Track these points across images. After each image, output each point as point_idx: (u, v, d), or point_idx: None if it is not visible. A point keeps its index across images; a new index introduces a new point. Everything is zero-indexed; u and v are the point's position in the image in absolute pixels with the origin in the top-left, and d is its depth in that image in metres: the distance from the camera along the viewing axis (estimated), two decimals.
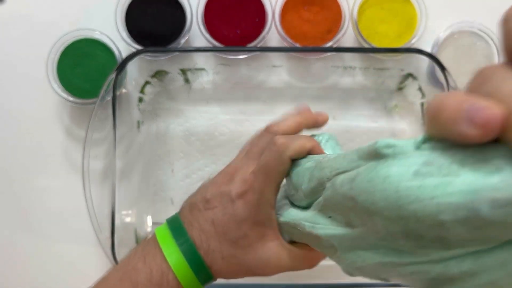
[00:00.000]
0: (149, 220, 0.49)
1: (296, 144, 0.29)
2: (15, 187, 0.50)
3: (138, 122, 0.49)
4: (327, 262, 0.47)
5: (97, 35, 0.47)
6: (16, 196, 0.50)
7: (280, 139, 0.29)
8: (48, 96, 0.49)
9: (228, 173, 0.33)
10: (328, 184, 0.24)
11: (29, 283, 0.50)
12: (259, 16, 0.47)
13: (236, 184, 0.31)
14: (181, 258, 0.30)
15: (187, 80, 0.49)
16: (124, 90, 0.49)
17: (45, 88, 0.47)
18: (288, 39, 0.46)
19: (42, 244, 0.50)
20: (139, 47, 0.46)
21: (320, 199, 0.25)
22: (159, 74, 0.49)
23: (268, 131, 0.33)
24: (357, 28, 0.47)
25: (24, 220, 0.50)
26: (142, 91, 0.49)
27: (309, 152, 0.29)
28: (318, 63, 0.49)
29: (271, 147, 0.29)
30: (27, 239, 0.50)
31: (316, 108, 0.49)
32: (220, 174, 0.34)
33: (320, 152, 0.30)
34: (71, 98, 0.47)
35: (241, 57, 0.49)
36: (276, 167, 0.29)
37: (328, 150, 0.32)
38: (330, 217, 0.24)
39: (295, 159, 0.29)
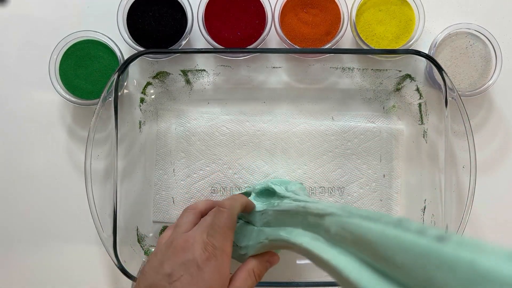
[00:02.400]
0: (150, 219, 0.49)
1: (239, 203, 0.38)
2: (17, 186, 0.51)
3: (140, 122, 0.50)
4: None
5: (99, 37, 0.47)
6: (18, 196, 0.50)
7: (226, 201, 0.37)
8: (50, 96, 0.50)
9: (177, 247, 0.35)
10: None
11: (30, 282, 0.50)
12: (259, 18, 0.47)
13: (198, 250, 0.34)
14: None
15: (188, 81, 0.50)
16: (125, 91, 0.49)
17: (47, 89, 0.48)
18: (288, 41, 0.47)
19: (44, 243, 0.50)
20: (140, 49, 0.47)
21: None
22: (160, 75, 0.49)
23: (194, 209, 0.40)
24: (356, 30, 0.47)
25: (26, 219, 0.50)
26: (143, 92, 0.49)
27: (245, 206, 0.39)
28: (317, 65, 0.49)
29: (221, 210, 0.36)
30: (29, 238, 0.50)
31: (315, 108, 0.50)
32: (166, 251, 0.36)
33: (251, 203, 0.41)
34: (73, 99, 0.47)
35: (241, 58, 0.49)
36: (231, 225, 0.36)
37: (260, 196, 0.44)
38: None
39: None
